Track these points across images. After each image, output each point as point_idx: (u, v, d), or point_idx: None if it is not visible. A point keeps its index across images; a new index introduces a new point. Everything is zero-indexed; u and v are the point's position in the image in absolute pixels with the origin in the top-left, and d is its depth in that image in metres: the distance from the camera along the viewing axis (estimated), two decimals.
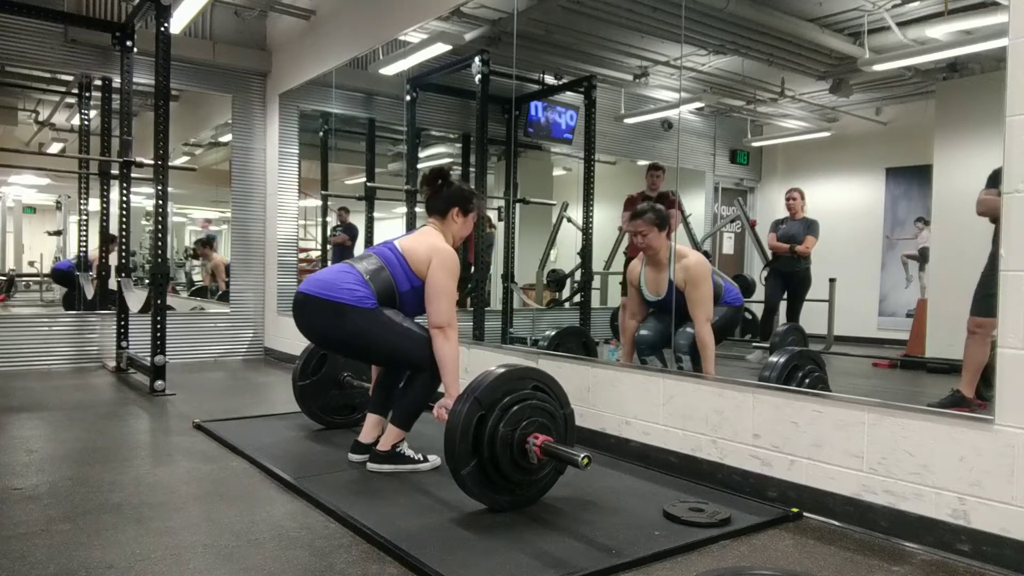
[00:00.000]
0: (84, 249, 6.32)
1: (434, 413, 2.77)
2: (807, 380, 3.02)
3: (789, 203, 5.45)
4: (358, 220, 6.84)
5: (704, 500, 2.55)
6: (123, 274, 5.42)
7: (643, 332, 3.60)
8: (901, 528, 2.28)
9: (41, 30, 5.56)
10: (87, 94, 6.15)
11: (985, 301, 3.35)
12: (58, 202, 9.26)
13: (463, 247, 5.92)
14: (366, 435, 3.07)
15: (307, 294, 2.87)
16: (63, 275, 8.01)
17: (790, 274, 5.30)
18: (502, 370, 2.47)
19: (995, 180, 3.37)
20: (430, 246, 2.89)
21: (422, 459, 2.95)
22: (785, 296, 5.40)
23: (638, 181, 5.50)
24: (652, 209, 3.51)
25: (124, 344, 5.45)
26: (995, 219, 3.36)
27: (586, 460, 2.23)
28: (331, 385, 3.65)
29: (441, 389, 2.88)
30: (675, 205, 3.59)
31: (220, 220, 8.24)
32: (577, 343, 4.40)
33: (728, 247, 7.43)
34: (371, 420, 3.09)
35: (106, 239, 6.15)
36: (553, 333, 4.47)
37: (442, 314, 2.83)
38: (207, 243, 8.31)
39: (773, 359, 3.05)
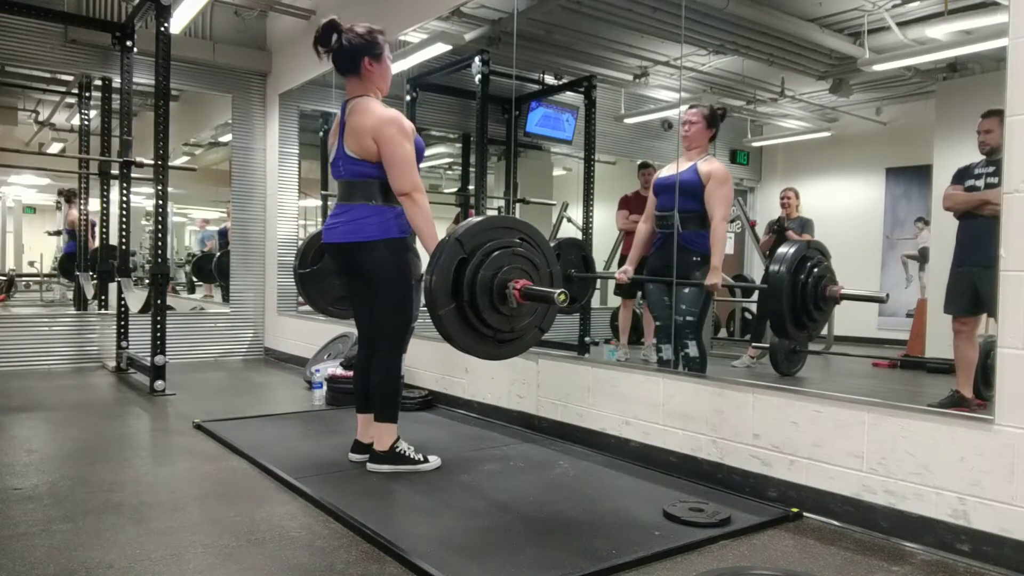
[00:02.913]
0: (84, 223, 6.33)
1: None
2: (815, 269, 3.02)
3: (783, 203, 5.47)
4: None
5: (704, 500, 2.55)
6: (123, 274, 5.41)
7: (660, 323, 3.65)
8: (901, 528, 2.28)
9: (41, 30, 5.56)
10: (87, 94, 6.15)
11: (959, 298, 3.38)
12: (58, 202, 9.26)
13: None
14: (362, 434, 3.05)
15: (333, 244, 2.90)
16: (71, 260, 8.02)
17: None
18: (488, 215, 2.43)
19: (960, 176, 3.45)
20: (371, 127, 2.71)
21: (423, 459, 2.94)
22: None
23: (638, 181, 5.51)
24: (710, 107, 3.51)
25: (124, 344, 5.45)
26: (959, 215, 3.43)
27: (563, 296, 2.22)
28: (331, 275, 3.62)
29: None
30: (723, 118, 3.60)
31: (220, 220, 8.22)
32: (577, 255, 4.29)
33: (728, 247, 7.42)
34: (363, 419, 3.06)
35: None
36: (552, 245, 4.36)
37: (405, 181, 2.69)
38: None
39: (783, 250, 3.03)
